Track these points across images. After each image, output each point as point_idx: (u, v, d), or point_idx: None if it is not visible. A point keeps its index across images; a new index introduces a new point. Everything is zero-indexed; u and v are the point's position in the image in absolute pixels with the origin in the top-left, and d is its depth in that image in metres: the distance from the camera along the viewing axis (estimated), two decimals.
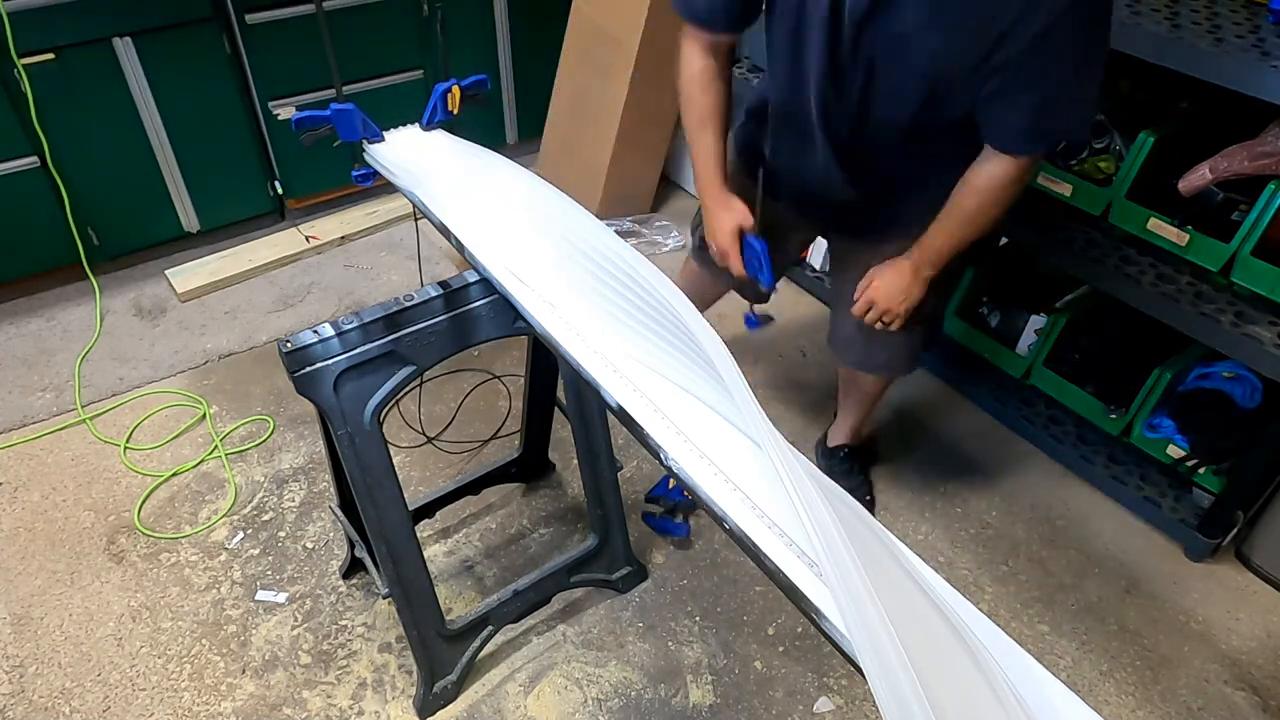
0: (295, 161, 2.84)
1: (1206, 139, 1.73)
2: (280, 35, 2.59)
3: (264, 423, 2.26)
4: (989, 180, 1.33)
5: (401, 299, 1.27)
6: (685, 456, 0.96)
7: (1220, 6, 1.65)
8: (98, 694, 1.67)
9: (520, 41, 3.07)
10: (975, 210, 1.37)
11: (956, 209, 1.39)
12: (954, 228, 1.41)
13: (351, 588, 1.87)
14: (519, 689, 1.69)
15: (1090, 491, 2.09)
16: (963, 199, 1.37)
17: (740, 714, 1.66)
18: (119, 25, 2.36)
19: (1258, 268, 1.65)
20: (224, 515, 2.02)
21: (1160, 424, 1.97)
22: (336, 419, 1.27)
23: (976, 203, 1.36)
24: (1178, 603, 1.86)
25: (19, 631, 1.78)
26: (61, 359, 2.45)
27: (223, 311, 2.64)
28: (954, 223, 1.40)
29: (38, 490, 2.08)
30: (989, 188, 1.34)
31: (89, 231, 2.61)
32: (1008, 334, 2.25)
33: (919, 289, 1.50)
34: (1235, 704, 1.68)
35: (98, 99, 2.42)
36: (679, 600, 1.83)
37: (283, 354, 1.20)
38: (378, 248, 2.92)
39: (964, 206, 1.38)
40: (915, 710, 0.72)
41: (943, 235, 1.43)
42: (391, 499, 1.39)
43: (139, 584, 1.87)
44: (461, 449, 2.20)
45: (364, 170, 1.52)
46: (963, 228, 1.40)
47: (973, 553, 1.94)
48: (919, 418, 2.30)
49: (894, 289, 1.51)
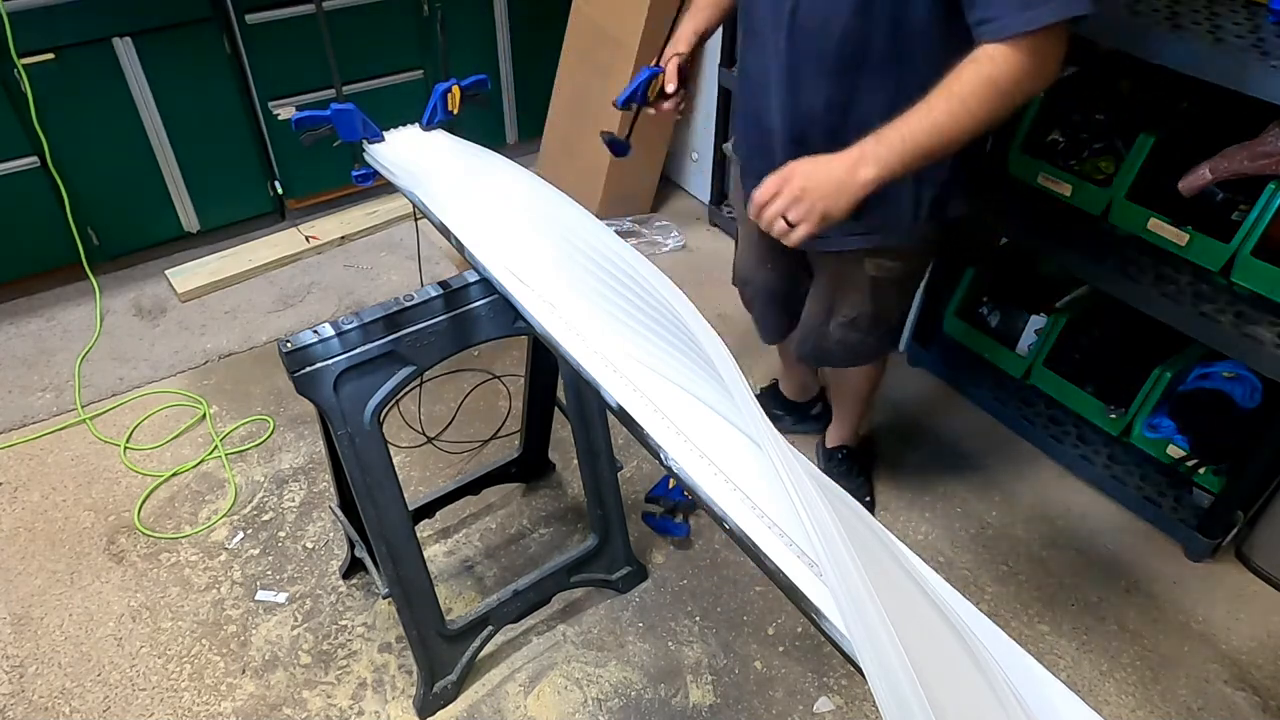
0: (295, 161, 2.84)
1: (1206, 139, 1.73)
2: (280, 35, 2.59)
3: (264, 423, 2.26)
4: (976, 74, 1.08)
5: (401, 299, 1.27)
6: (685, 456, 0.96)
7: (1220, 6, 1.65)
8: (98, 694, 1.67)
9: (520, 41, 3.07)
10: (952, 104, 1.08)
11: (932, 98, 1.10)
12: (921, 119, 1.10)
13: (351, 588, 1.87)
14: (519, 689, 1.69)
15: (1090, 491, 2.09)
16: (940, 90, 1.10)
17: (740, 714, 1.66)
18: (119, 25, 2.36)
19: (1258, 268, 1.65)
20: (224, 515, 2.02)
21: (1160, 424, 1.97)
22: (336, 419, 1.27)
23: (957, 93, 1.08)
24: (1178, 603, 1.86)
25: (19, 631, 1.78)
26: (61, 359, 2.45)
27: (223, 311, 2.64)
28: (923, 114, 1.10)
29: (38, 490, 2.08)
30: (975, 80, 1.07)
31: (89, 231, 2.61)
32: (1008, 334, 2.25)
33: (849, 193, 1.12)
34: (1235, 704, 1.68)
35: (98, 99, 2.42)
36: (679, 600, 1.83)
37: (283, 354, 1.20)
38: (378, 248, 2.92)
39: (938, 98, 1.09)
40: (915, 710, 0.72)
41: (903, 126, 1.11)
42: (391, 499, 1.39)
43: (139, 584, 1.87)
44: (461, 449, 2.20)
45: (364, 170, 1.52)
46: (932, 120, 1.09)
47: (973, 553, 1.94)
48: (919, 418, 2.30)
49: (816, 173, 1.13)
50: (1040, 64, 1.07)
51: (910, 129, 1.10)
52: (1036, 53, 1.05)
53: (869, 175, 1.11)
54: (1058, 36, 1.05)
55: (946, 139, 1.10)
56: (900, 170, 1.11)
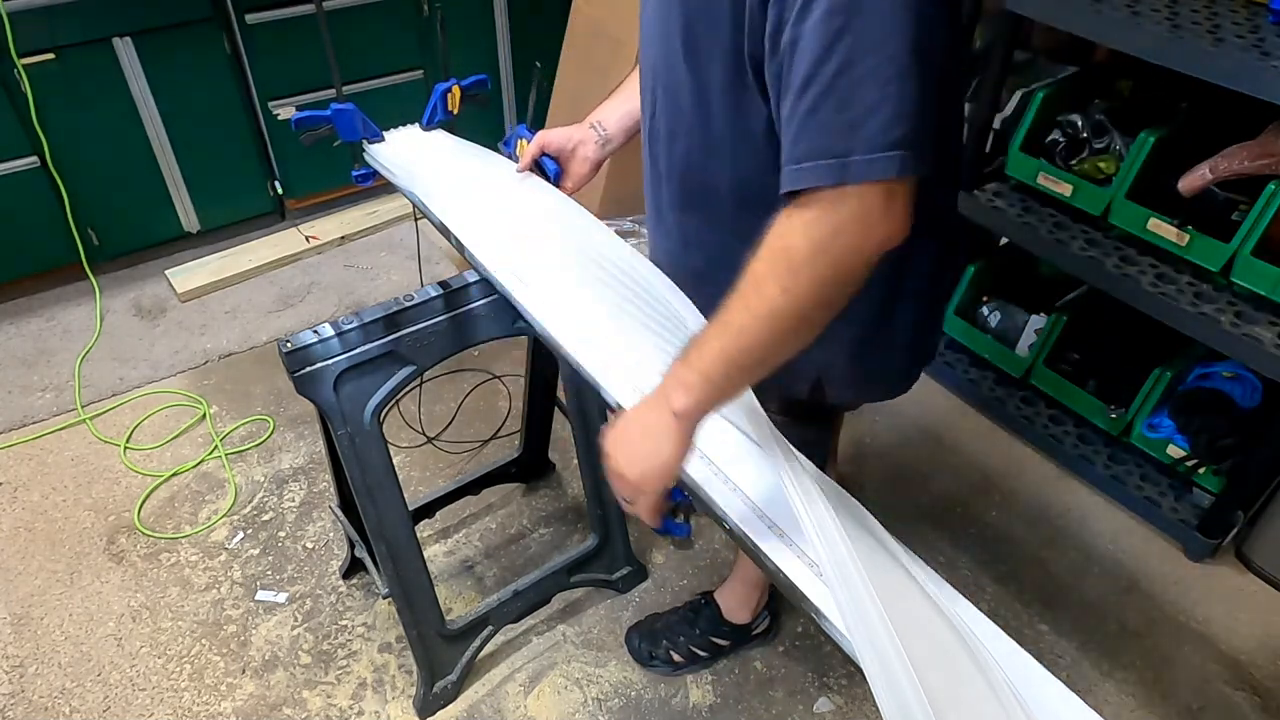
0: (295, 161, 2.84)
1: (1206, 139, 1.73)
2: (280, 35, 2.59)
3: (264, 423, 2.26)
4: (767, 245, 0.80)
5: (401, 299, 1.27)
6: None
7: (1220, 6, 1.65)
8: (98, 694, 1.67)
9: (520, 41, 3.07)
10: (747, 293, 0.80)
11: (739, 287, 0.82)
12: (726, 317, 0.82)
13: (351, 588, 1.87)
14: (519, 689, 1.69)
15: (1090, 491, 2.09)
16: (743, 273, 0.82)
17: (740, 714, 1.66)
18: (119, 25, 2.36)
19: (1258, 268, 1.65)
20: (224, 515, 2.02)
21: (1160, 424, 1.97)
22: (336, 419, 1.27)
23: (750, 275, 0.80)
24: (1178, 603, 1.86)
25: (19, 631, 1.78)
26: (61, 359, 2.45)
27: (223, 311, 2.64)
28: (725, 310, 0.82)
29: (38, 490, 2.08)
30: (766, 255, 0.80)
31: (89, 231, 2.61)
32: (1007, 334, 2.25)
33: (669, 439, 0.85)
34: (1235, 704, 1.68)
35: (98, 99, 2.42)
36: (679, 600, 1.83)
37: (283, 354, 1.20)
38: (378, 248, 2.92)
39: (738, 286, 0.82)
40: (915, 710, 0.72)
41: (712, 330, 0.83)
42: (391, 499, 1.39)
43: (139, 584, 1.87)
44: (461, 449, 2.20)
45: (364, 170, 1.52)
46: (732, 320, 0.81)
47: (973, 553, 1.94)
48: (918, 418, 2.30)
49: (622, 439, 0.89)
50: (867, 229, 0.77)
51: (713, 333, 0.83)
52: (861, 211, 0.76)
53: (683, 405, 0.83)
54: (892, 193, 0.76)
55: (758, 341, 0.80)
56: (726, 388, 0.84)
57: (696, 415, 0.85)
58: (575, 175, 1.32)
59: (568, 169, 1.32)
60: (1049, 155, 1.97)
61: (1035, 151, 1.98)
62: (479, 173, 1.41)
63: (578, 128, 1.31)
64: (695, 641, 1.70)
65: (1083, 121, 1.92)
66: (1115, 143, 1.90)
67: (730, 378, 0.83)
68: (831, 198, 0.75)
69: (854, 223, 0.76)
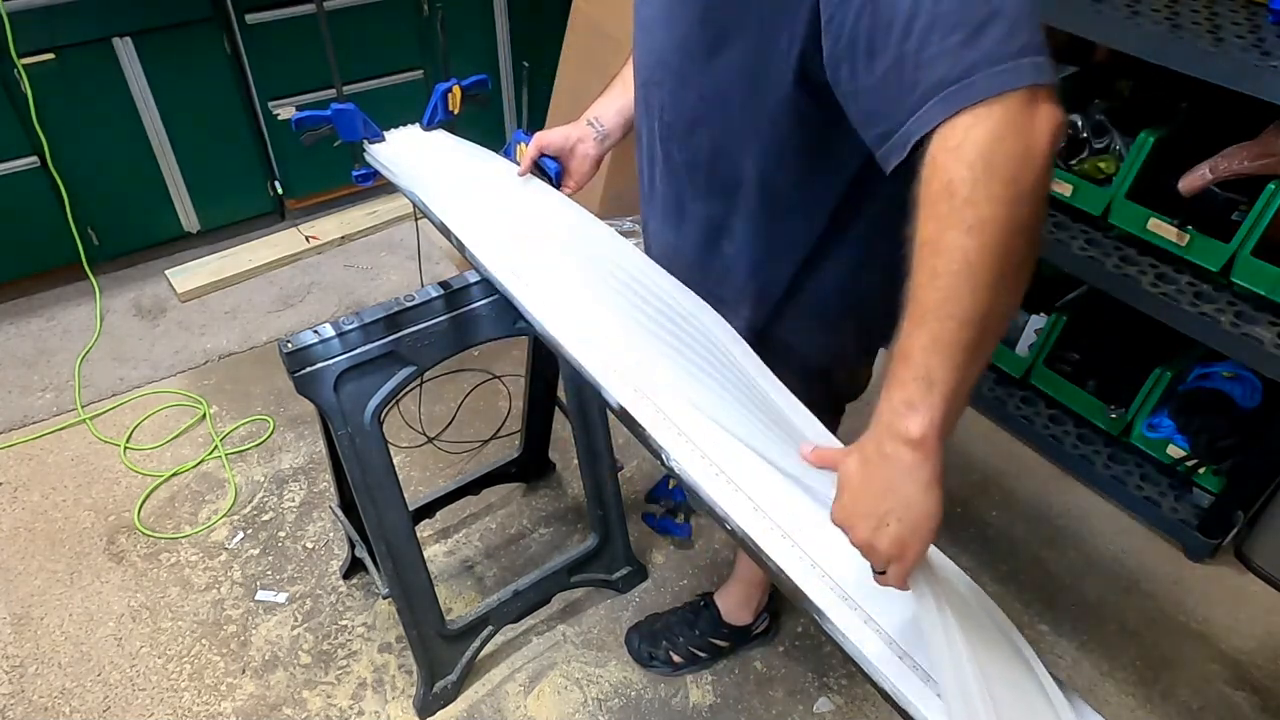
0: (295, 161, 2.84)
1: (1206, 139, 1.73)
2: (280, 35, 2.58)
3: (264, 423, 2.26)
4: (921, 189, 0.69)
5: (402, 299, 1.27)
6: (686, 457, 0.96)
7: (1220, 6, 1.65)
8: (98, 694, 1.67)
9: (520, 41, 3.07)
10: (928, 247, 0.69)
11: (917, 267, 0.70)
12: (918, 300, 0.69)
13: (351, 588, 1.87)
14: (519, 689, 1.69)
15: (1090, 491, 2.09)
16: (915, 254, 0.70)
17: (740, 714, 1.66)
18: (119, 25, 2.36)
19: (1258, 268, 1.65)
20: (224, 515, 2.02)
21: (1160, 424, 1.97)
22: (337, 419, 1.27)
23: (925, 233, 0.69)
24: (1178, 603, 1.86)
25: (19, 631, 1.78)
26: (61, 359, 2.45)
27: (223, 311, 2.64)
28: (913, 294, 0.70)
29: (38, 490, 2.08)
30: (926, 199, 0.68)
31: (89, 231, 2.60)
32: (1008, 334, 2.25)
33: (917, 480, 0.75)
34: (1235, 704, 1.68)
35: (98, 99, 2.42)
36: (679, 600, 1.83)
37: (283, 354, 1.20)
38: (378, 248, 2.92)
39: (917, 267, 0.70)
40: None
41: (907, 328, 0.71)
42: (392, 499, 1.39)
43: (139, 584, 1.87)
44: (462, 449, 2.20)
45: (364, 170, 1.52)
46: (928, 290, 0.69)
47: (973, 553, 1.94)
48: None
49: (862, 503, 0.75)
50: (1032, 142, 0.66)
51: (924, 337, 0.69)
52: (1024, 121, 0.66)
53: (919, 427, 0.72)
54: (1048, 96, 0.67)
55: (965, 306, 0.67)
56: (957, 381, 0.70)
57: (938, 434, 0.72)
58: (577, 173, 1.32)
59: (568, 168, 1.32)
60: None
61: None
62: (479, 173, 1.41)
63: (575, 126, 1.30)
64: (695, 642, 1.70)
65: (1083, 121, 1.92)
66: (1115, 143, 1.90)
67: (955, 365, 0.69)
68: (967, 121, 0.66)
69: (1008, 128, 0.65)
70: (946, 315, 0.67)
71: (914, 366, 0.69)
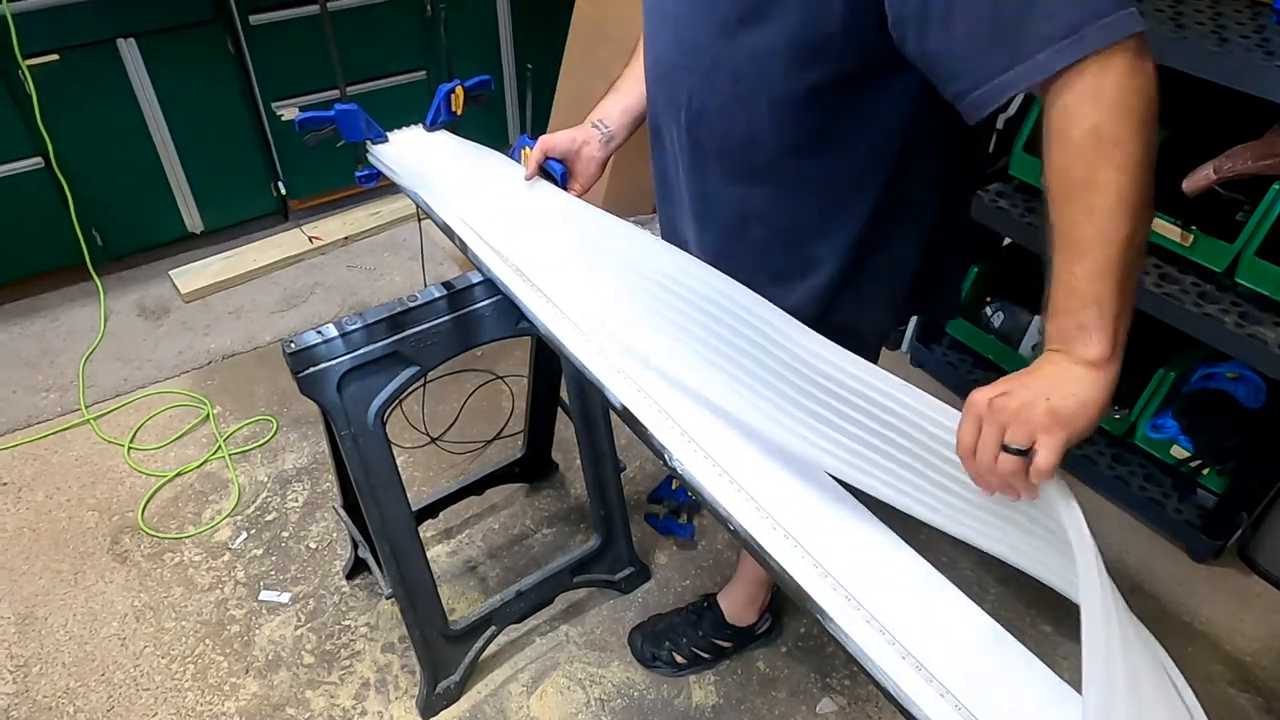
0: (298, 162, 2.84)
1: (1210, 139, 1.73)
2: (284, 36, 2.59)
3: (267, 423, 2.26)
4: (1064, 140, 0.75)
5: (405, 300, 1.27)
6: (689, 457, 0.96)
7: (1224, 6, 1.64)
8: (101, 694, 1.68)
9: (523, 42, 3.07)
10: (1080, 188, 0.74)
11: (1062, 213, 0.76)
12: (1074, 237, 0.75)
13: (355, 588, 1.87)
14: (522, 689, 1.69)
15: (1093, 492, 2.09)
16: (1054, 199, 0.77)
17: (743, 714, 1.66)
18: (123, 26, 2.37)
19: (1262, 268, 1.65)
20: (227, 515, 2.02)
21: (1164, 424, 1.97)
22: (340, 419, 1.28)
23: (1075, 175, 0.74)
24: (1181, 604, 1.86)
25: (23, 631, 1.78)
26: (65, 359, 2.46)
27: (226, 312, 2.65)
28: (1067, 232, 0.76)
29: (42, 490, 2.08)
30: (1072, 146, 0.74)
31: (93, 232, 2.61)
32: (1011, 334, 2.25)
33: (1097, 388, 0.79)
34: (1239, 706, 1.68)
35: (102, 100, 2.43)
36: (682, 601, 1.83)
37: (286, 354, 1.20)
38: (381, 248, 2.92)
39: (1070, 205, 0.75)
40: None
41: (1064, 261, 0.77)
42: (395, 499, 1.39)
43: (143, 584, 1.88)
44: (465, 449, 2.20)
45: (367, 171, 1.52)
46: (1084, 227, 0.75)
47: (975, 553, 1.93)
48: None
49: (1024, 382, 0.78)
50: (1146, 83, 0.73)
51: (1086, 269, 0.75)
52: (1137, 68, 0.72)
53: (1098, 347, 0.78)
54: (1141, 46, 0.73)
55: (1123, 232, 0.73)
56: (1122, 304, 0.78)
57: (1114, 352, 0.79)
58: (583, 176, 1.32)
59: (574, 170, 1.32)
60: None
61: (1038, 152, 1.98)
62: (482, 173, 1.41)
63: (579, 129, 1.31)
64: (698, 643, 1.70)
65: None
66: None
67: (1120, 288, 0.76)
68: (1095, 70, 0.72)
69: (1129, 72, 0.72)
70: (1107, 243, 0.73)
71: (1080, 295, 0.76)
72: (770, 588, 1.68)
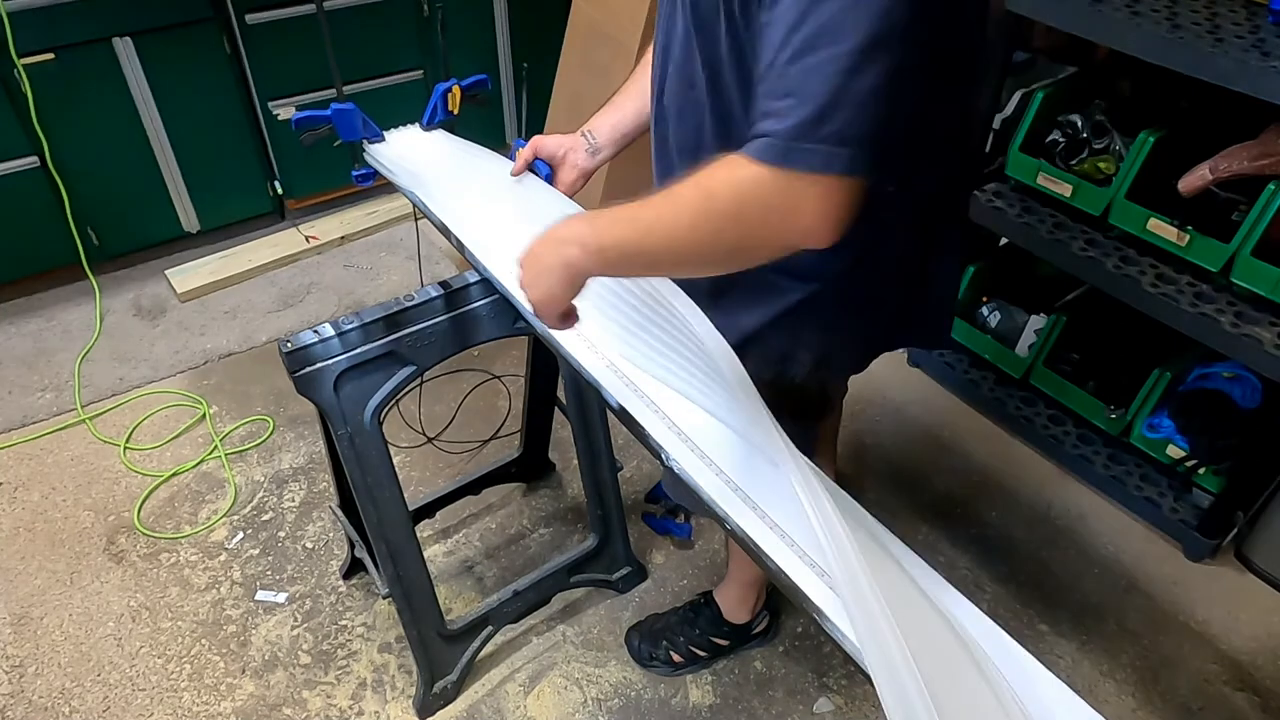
0: (295, 161, 2.84)
1: (1206, 139, 1.73)
2: (280, 35, 2.58)
3: (264, 423, 2.26)
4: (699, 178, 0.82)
5: (402, 299, 1.27)
6: (685, 456, 0.96)
7: (1220, 7, 1.65)
8: (97, 694, 1.67)
9: (521, 42, 3.07)
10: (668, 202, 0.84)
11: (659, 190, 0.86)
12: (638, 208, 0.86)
13: (351, 588, 1.87)
14: (519, 689, 1.69)
15: (1090, 491, 2.09)
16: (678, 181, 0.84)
17: (740, 714, 1.66)
18: (119, 25, 2.36)
19: (1258, 268, 1.65)
20: (224, 515, 2.02)
21: (1160, 424, 1.97)
22: (337, 419, 1.27)
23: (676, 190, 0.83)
24: (1177, 603, 1.86)
25: (19, 632, 1.78)
26: (61, 359, 2.45)
27: (223, 311, 2.64)
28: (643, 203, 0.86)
29: (37, 490, 2.08)
30: (695, 184, 0.82)
31: (89, 231, 2.61)
32: (1008, 334, 2.25)
33: (561, 283, 0.91)
34: (1235, 705, 1.68)
35: (98, 99, 2.42)
36: (679, 600, 1.83)
37: (283, 354, 1.20)
38: (378, 248, 2.92)
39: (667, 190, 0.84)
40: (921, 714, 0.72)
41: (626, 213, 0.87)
42: (391, 499, 1.39)
43: (139, 584, 1.87)
44: (461, 449, 2.20)
45: (364, 170, 1.52)
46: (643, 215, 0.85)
47: (973, 553, 1.94)
48: (918, 418, 2.30)
49: (531, 265, 0.94)
50: (786, 213, 0.77)
51: (626, 215, 0.86)
52: (789, 195, 0.76)
53: (577, 261, 0.89)
54: (825, 190, 0.76)
55: (653, 245, 0.84)
56: (615, 268, 0.91)
57: (584, 274, 0.90)
58: (564, 182, 1.33)
59: (558, 175, 1.33)
60: (1049, 155, 1.97)
61: (1035, 151, 1.98)
62: (479, 172, 1.41)
63: (571, 136, 1.32)
64: (695, 641, 1.70)
65: (1083, 121, 1.92)
66: (1115, 143, 1.90)
67: (621, 264, 0.90)
68: (770, 175, 0.76)
69: (781, 208, 0.77)
70: (643, 239, 0.85)
71: (604, 234, 0.88)
72: (762, 586, 1.68)
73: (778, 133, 0.75)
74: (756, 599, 1.69)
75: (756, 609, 1.70)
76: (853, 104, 0.73)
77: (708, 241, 0.82)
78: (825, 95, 0.73)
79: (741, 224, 0.79)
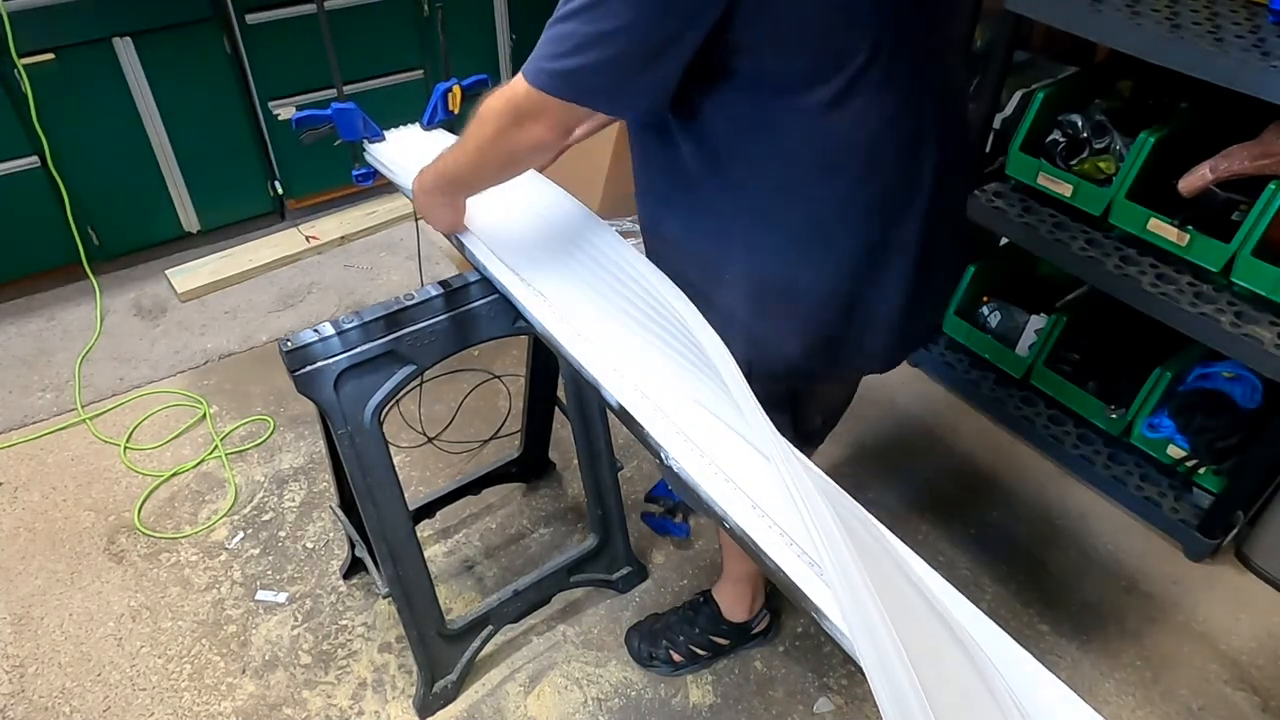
0: (295, 161, 2.84)
1: (1206, 139, 1.73)
2: (281, 35, 2.59)
3: (264, 423, 2.26)
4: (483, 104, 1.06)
5: (402, 298, 1.27)
6: (685, 456, 0.96)
7: (1220, 6, 1.65)
8: (98, 694, 1.67)
9: (521, 41, 3.07)
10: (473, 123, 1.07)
11: None
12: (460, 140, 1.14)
13: (351, 588, 1.87)
14: (519, 689, 1.69)
15: (1090, 491, 2.09)
16: None
17: (740, 714, 1.66)
18: (119, 25, 2.36)
19: (1258, 268, 1.65)
20: (224, 515, 2.02)
21: (1160, 424, 1.97)
22: (337, 418, 1.27)
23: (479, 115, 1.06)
24: (1178, 603, 1.86)
25: (19, 631, 1.78)
26: (62, 359, 2.45)
27: (223, 311, 2.64)
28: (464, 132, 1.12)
29: (38, 490, 2.08)
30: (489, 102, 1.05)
31: (89, 231, 2.61)
32: (1008, 334, 2.25)
33: (430, 201, 1.22)
34: (1235, 704, 1.68)
35: (98, 99, 2.42)
36: (679, 600, 1.83)
37: (283, 353, 1.20)
38: (378, 247, 2.92)
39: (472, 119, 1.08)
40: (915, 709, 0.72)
41: (452, 146, 1.16)
42: (392, 499, 1.39)
43: (139, 584, 1.87)
44: (462, 449, 2.20)
45: (364, 170, 1.52)
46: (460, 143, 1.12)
47: (973, 553, 1.94)
48: (918, 418, 2.30)
49: (419, 189, 1.23)
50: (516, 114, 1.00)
51: (449, 151, 1.16)
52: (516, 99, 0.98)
53: (421, 185, 1.21)
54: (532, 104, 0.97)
55: (464, 167, 1.13)
56: (446, 189, 1.20)
57: (442, 196, 1.21)
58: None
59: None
60: (1049, 155, 1.97)
61: (1035, 152, 1.99)
62: None
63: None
64: (695, 640, 1.70)
65: (1083, 121, 1.92)
66: (1115, 143, 1.90)
67: (454, 184, 1.18)
68: (516, 88, 0.98)
69: (515, 112, 1.00)
70: (457, 160, 1.14)
71: (437, 164, 1.18)
72: (761, 585, 1.68)
73: (530, 62, 0.95)
74: (754, 597, 1.69)
75: (755, 607, 1.70)
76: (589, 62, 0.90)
77: (486, 150, 1.07)
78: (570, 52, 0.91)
79: (498, 133, 1.03)
